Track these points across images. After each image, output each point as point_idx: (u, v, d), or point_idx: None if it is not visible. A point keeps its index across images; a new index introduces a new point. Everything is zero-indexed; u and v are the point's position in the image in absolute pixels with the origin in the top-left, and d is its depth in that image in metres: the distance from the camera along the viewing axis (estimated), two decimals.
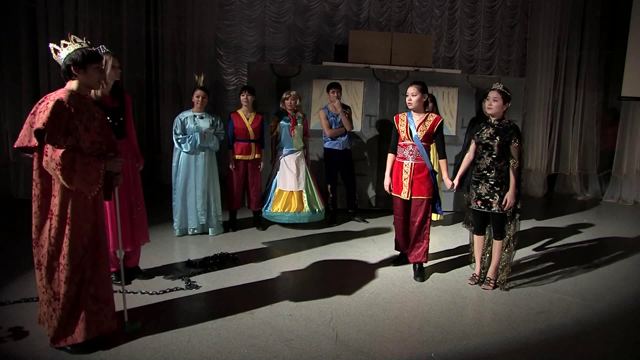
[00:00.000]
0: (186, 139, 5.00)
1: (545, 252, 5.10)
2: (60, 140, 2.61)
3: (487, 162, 3.90)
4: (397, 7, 8.78)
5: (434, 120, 4.17)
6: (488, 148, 3.89)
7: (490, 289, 4.01)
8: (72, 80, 2.79)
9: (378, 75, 6.59)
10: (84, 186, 2.69)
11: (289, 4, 8.48)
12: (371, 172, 6.64)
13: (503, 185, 3.88)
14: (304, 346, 3.02)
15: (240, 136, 5.36)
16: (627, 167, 8.04)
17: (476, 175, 3.98)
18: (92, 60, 2.80)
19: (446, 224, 6.12)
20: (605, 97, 8.57)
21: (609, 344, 3.24)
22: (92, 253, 2.84)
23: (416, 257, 4.26)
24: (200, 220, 5.20)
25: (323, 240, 5.23)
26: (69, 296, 2.75)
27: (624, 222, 6.65)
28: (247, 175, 5.48)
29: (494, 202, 3.89)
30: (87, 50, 2.80)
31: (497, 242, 4.01)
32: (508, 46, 9.09)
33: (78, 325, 2.80)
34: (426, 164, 4.16)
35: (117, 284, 3.58)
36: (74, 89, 2.78)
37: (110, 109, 3.55)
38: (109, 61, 3.48)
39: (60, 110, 2.63)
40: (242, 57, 8.45)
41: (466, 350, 3.06)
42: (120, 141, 3.61)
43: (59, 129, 2.62)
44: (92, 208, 2.84)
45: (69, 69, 2.76)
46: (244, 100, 5.37)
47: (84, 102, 2.82)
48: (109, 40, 6.99)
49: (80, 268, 2.78)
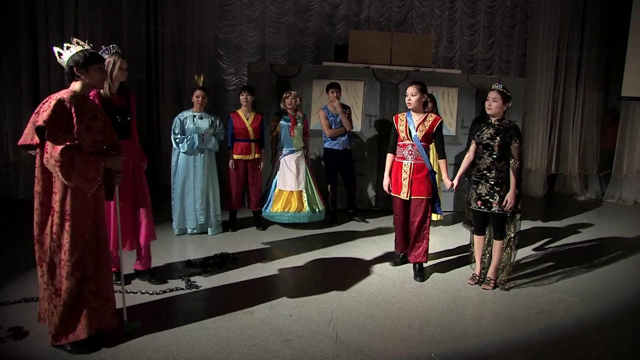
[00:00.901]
0: (184, 139, 5.00)
1: (545, 252, 5.10)
2: (60, 138, 2.66)
3: (487, 162, 3.90)
4: (397, 7, 8.77)
5: (433, 120, 4.17)
6: (488, 148, 3.89)
7: (490, 289, 4.01)
8: (76, 81, 2.87)
9: (378, 75, 6.59)
10: (83, 183, 2.72)
11: (289, 4, 8.48)
12: (371, 172, 6.64)
13: (503, 186, 3.88)
14: (304, 346, 3.02)
15: (240, 136, 5.36)
16: (627, 167, 8.04)
17: (476, 176, 3.98)
18: (93, 62, 2.87)
19: (446, 224, 6.12)
20: (605, 97, 8.57)
21: (609, 344, 3.24)
22: (93, 249, 2.86)
23: (416, 257, 4.26)
24: (199, 220, 5.20)
25: (323, 240, 5.23)
26: (70, 292, 2.77)
27: (624, 222, 6.65)
28: (247, 175, 5.48)
29: (494, 202, 3.89)
30: (88, 52, 2.87)
31: (497, 242, 4.01)
32: (508, 46, 9.08)
33: (80, 321, 2.81)
34: (425, 164, 4.16)
35: (117, 283, 3.58)
36: (77, 90, 2.85)
37: (119, 108, 3.60)
38: (117, 62, 3.51)
39: (60, 109, 2.68)
40: (242, 57, 8.44)
41: (466, 350, 3.06)
42: (126, 141, 3.64)
43: (59, 127, 2.67)
44: (93, 205, 2.86)
45: (72, 71, 2.84)
46: (244, 100, 5.37)
47: (87, 102, 2.88)
48: (109, 40, 6.98)
49: (81, 264, 2.79)
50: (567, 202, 8.05)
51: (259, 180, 5.57)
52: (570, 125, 8.62)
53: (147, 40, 7.84)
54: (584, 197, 8.40)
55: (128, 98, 3.72)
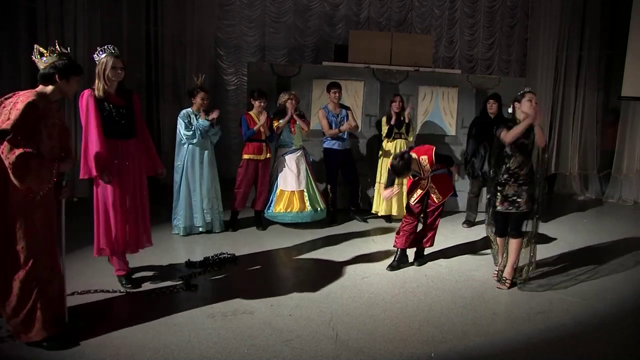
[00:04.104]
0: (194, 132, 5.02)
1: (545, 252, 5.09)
2: (21, 143, 2.61)
3: (519, 160, 3.94)
4: (397, 7, 8.77)
5: (427, 157, 4.22)
6: (521, 147, 3.93)
7: (506, 289, 4.03)
8: (48, 85, 2.83)
9: (378, 75, 6.59)
10: (36, 184, 2.68)
11: (289, 4, 8.48)
12: (371, 172, 6.62)
13: (529, 185, 3.96)
14: (304, 346, 3.02)
15: (253, 136, 5.38)
16: (627, 167, 8.03)
17: (504, 178, 3.98)
18: (76, 73, 2.89)
19: (446, 224, 6.11)
20: (605, 97, 8.56)
21: (609, 344, 3.24)
22: (47, 251, 2.84)
23: (425, 243, 4.53)
24: (207, 219, 5.23)
25: (323, 240, 5.23)
26: (23, 294, 2.75)
27: (624, 222, 6.64)
28: (257, 175, 5.49)
29: (522, 202, 3.94)
30: (72, 62, 2.86)
31: (514, 240, 4.04)
32: (508, 46, 9.08)
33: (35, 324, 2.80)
34: (443, 172, 4.39)
35: (127, 287, 3.70)
36: (47, 94, 2.81)
37: (117, 108, 3.58)
38: (109, 62, 3.49)
39: (31, 114, 2.64)
40: (242, 57, 8.45)
41: (466, 350, 3.06)
42: (130, 141, 3.65)
43: (24, 132, 2.62)
44: (43, 206, 2.80)
45: (52, 76, 2.80)
46: (259, 107, 5.38)
47: (51, 107, 2.84)
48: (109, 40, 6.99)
49: (37, 266, 2.77)
50: (567, 202, 8.04)
51: (268, 180, 5.59)
52: (570, 125, 8.62)
53: (147, 40, 7.83)
54: (584, 197, 8.40)
55: (129, 98, 3.70)
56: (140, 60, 7.72)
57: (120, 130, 3.58)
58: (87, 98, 3.47)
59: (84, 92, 3.52)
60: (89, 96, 3.47)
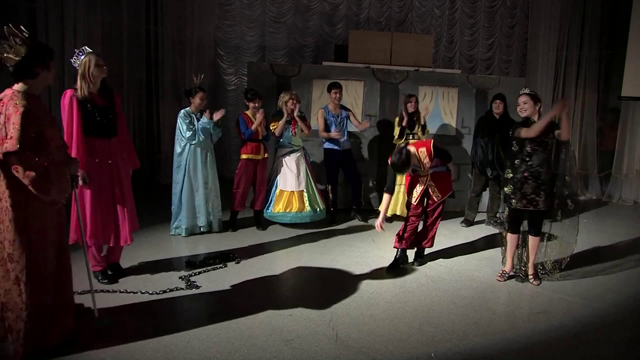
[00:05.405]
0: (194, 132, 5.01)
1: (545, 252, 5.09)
2: (32, 158, 2.47)
3: (540, 158, 3.98)
4: (397, 7, 8.78)
5: (425, 149, 4.21)
6: (542, 144, 3.96)
7: (539, 283, 4.13)
8: (29, 79, 2.59)
9: (378, 75, 6.59)
10: (58, 194, 2.64)
11: (289, 4, 8.48)
12: (371, 172, 6.63)
13: (548, 183, 4.01)
14: (304, 346, 3.02)
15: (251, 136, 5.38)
16: (627, 167, 8.02)
17: (523, 176, 4.01)
18: (52, 56, 2.68)
19: (446, 224, 6.10)
20: (605, 97, 8.56)
21: (609, 344, 3.24)
22: (57, 258, 2.80)
23: (425, 243, 4.53)
24: (209, 218, 5.25)
25: (323, 240, 5.23)
26: (38, 305, 2.68)
27: (624, 222, 6.64)
28: (256, 175, 5.49)
29: (540, 200, 3.98)
30: (43, 46, 2.64)
31: (534, 238, 4.13)
32: (508, 46, 9.09)
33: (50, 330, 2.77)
34: (442, 170, 4.40)
35: (104, 282, 3.74)
36: (32, 90, 2.62)
37: (100, 107, 3.57)
38: (92, 60, 3.47)
39: (29, 123, 2.49)
40: (242, 57, 8.45)
41: (466, 350, 3.06)
42: (112, 139, 3.65)
43: (31, 145, 2.48)
44: (54, 213, 2.74)
45: (32, 69, 2.56)
46: (255, 107, 5.38)
47: (40, 104, 2.67)
48: (109, 40, 6.99)
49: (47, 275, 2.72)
50: None
51: (266, 180, 5.59)
52: (570, 125, 8.61)
53: (147, 40, 7.84)
54: (584, 197, 8.40)
55: (110, 97, 3.68)
56: (140, 60, 7.73)
57: (103, 129, 3.57)
58: (69, 98, 3.45)
59: (66, 92, 3.50)
60: (71, 97, 3.45)
